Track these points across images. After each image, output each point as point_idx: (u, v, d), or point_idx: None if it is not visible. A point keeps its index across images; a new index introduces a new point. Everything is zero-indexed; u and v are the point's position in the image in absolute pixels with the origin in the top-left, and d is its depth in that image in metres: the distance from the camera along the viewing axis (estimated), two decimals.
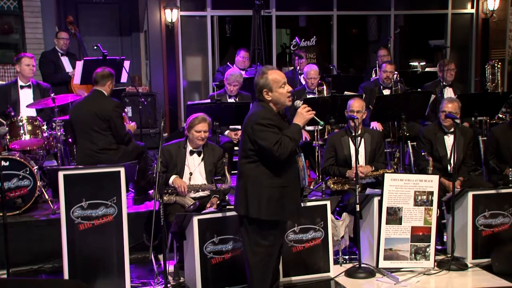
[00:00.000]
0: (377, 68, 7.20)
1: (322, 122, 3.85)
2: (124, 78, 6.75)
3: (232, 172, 5.12)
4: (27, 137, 5.56)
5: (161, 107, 8.64)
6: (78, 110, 5.38)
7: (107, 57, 6.54)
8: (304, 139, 6.48)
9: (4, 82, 7.29)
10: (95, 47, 6.86)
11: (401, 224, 4.77)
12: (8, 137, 5.51)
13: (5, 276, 4.33)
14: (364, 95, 6.49)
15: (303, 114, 3.68)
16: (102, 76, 5.38)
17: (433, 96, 6.46)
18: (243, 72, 6.84)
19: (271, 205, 3.63)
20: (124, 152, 5.33)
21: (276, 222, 3.70)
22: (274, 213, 3.65)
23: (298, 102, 3.76)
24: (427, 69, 8.99)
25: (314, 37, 9.85)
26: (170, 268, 4.64)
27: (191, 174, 4.88)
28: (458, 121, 5.06)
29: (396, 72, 7.44)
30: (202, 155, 4.91)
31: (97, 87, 5.39)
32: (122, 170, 4.40)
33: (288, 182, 3.68)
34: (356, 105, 5.31)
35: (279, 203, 3.64)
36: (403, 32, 10.51)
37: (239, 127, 5.86)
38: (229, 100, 6.24)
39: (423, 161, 5.40)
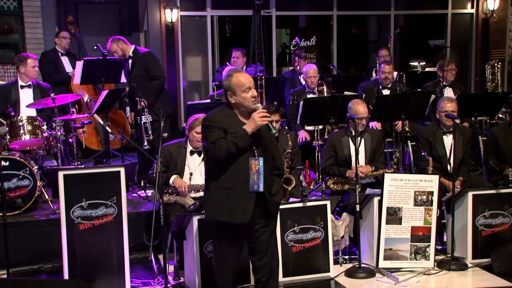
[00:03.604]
0: (378, 68, 7.22)
1: (274, 131, 3.61)
2: (124, 78, 6.75)
3: None
4: (27, 137, 5.56)
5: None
6: None
7: (107, 57, 6.53)
8: (304, 139, 6.49)
9: (4, 82, 7.29)
10: (95, 47, 6.86)
11: (401, 224, 4.77)
12: (8, 137, 5.51)
13: (5, 276, 4.33)
14: (364, 95, 6.50)
15: (256, 120, 3.53)
16: None
17: (433, 96, 6.46)
18: None
19: (214, 207, 3.65)
20: None
21: (224, 224, 3.63)
22: (215, 215, 3.65)
23: (258, 106, 3.63)
24: (427, 69, 8.99)
25: (314, 37, 9.84)
26: (170, 268, 4.64)
27: (191, 174, 4.88)
28: (458, 121, 5.06)
29: (398, 72, 7.46)
30: (202, 155, 4.91)
31: None
32: (122, 170, 4.40)
33: (234, 184, 3.60)
34: (363, 110, 5.27)
35: (221, 205, 3.61)
36: (403, 32, 10.51)
37: None
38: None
39: (423, 161, 5.40)
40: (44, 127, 5.68)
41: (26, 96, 6.12)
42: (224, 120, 3.62)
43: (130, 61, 6.27)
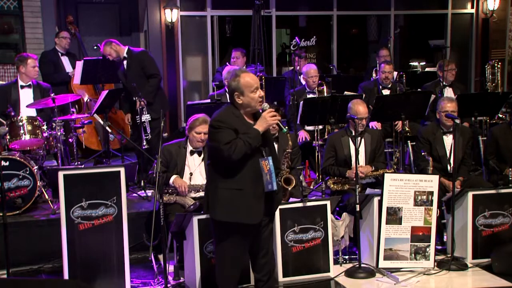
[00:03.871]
0: (378, 68, 7.22)
1: (285, 130, 3.70)
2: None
3: None
4: (27, 137, 5.56)
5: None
6: None
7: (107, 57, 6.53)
8: (304, 139, 6.49)
9: (4, 82, 7.29)
10: (95, 47, 6.86)
11: (401, 224, 4.77)
12: (8, 137, 5.51)
13: (5, 276, 4.33)
14: (364, 95, 6.50)
15: (266, 119, 3.57)
16: None
17: (433, 96, 6.47)
18: None
19: (224, 207, 3.61)
20: None
21: (234, 224, 3.61)
22: (227, 215, 3.61)
23: (265, 105, 3.65)
24: (427, 69, 8.99)
25: (314, 37, 9.84)
26: (170, 268, 4.64)
27: (191, 174, 4.88)
28: (458, 121, 5.06)
29: (398, 72, 7.46)
30: (202, 155, 4.91)
31: None
32: (122, 170, 4.40)
33: (243, 185, 3.58)
34: (363, 111, 5.27)
35: (233, 206, 3.59)
36: (403, 32, 10.51)
37: None
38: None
39: (422, 161, 5.40)
40: (44, 127, 5.68)
41: (26, 96, 6.11)
42: (234, 121, 3.60)
43: (125, 62, 6.28)
